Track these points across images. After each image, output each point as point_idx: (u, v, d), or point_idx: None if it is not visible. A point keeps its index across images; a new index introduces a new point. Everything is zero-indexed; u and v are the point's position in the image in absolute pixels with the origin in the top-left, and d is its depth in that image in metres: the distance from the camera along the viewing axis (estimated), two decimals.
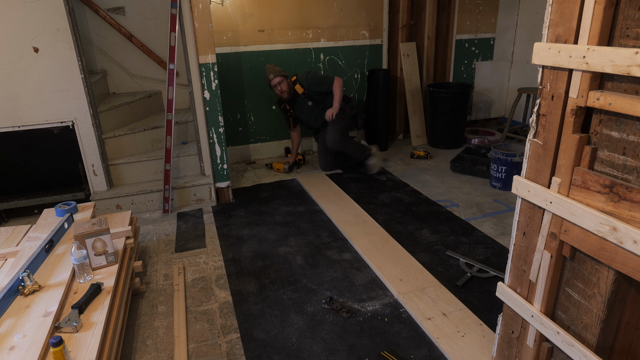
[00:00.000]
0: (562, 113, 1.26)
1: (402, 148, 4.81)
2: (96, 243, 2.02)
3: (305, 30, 4.38)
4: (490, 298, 2.27)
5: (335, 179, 3.97)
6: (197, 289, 2.48)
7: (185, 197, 3.52)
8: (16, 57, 2.92)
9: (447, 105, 4.56)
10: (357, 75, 4.73)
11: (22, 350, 1.49)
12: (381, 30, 4.63)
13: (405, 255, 2.68)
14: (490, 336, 1.99)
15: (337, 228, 3.08)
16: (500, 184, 3.62)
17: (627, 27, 1.08)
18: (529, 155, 1.42)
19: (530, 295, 1.50)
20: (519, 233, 1.52)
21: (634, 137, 1.11)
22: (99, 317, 1.71)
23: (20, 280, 1.80)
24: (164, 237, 3.07)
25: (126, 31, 3.89)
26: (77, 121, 3.18)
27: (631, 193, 1.11)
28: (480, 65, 5.22)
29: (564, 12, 1.20)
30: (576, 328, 1.36)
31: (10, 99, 2.99)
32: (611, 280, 1.21)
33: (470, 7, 4.92)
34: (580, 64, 1.16)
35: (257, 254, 2.81)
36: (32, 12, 2.87)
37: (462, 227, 3.03)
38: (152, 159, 3.52)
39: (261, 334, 2.10)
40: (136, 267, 2.35)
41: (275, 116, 4.57)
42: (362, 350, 1.98)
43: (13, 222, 3.26)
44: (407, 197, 3.55)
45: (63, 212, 2.47)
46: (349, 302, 2.31)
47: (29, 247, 2.12)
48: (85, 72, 3.12)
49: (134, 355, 2.00)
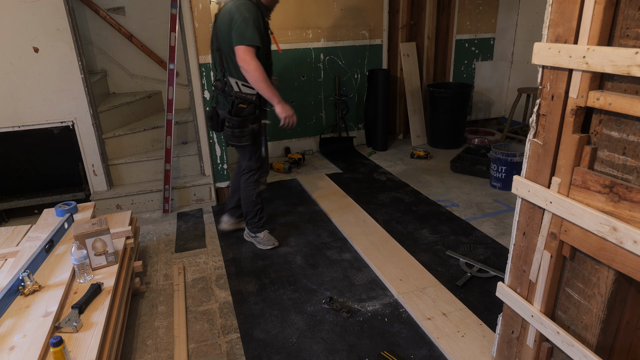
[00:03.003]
0: (562, 113, 1.26)
1: (402, 148, 4.81)
2: (96, 243, 2.02)
3: (305, 30, 4.38)
4: (490, 298, 2.27)
5: (336, 179, 3.97)
6: (197, 289, 2.48)
7: (185, 197, 3.52)
8: (16, 57, 2.92)
9: (447, 105, 4.56)
10: (357, 75, 4.73)
11: (22, 350, 1.49)
12: (381, 30, 4.63)
13: (405, 255, 2.68)
14: (490, 336, 1.99)
15: (337, 228, 3.08)
16: (500, 184, 3.62)
17: (627, 27, 1.08)
18: (529, 155, 1.42)
19: (530, 295, 1.50)
20: (519, 233, 1.52)
21: (634, 137, 1.11)
22: (99, 317, 1.71)
23: (20, 280, 1.79)
24: (164, 237, 3.07)
25: (126, 31, 3.89)
26: (77, 121, 3.18)
27: (631, 193, 1.10)
28: (480, 65, 5.22)
29: (564, 12, 1.20)
30: (576, 328, 1.36)
31: (11, 99, 2.99)
32: (611, 280, 1.21)
33: (470, 7, 4.92)
34: (580, 64, 1.16)
35: (257, 254, 2.81)
36: (32, 12, 2.87)
37: (462, 227, 3.03)
38: (152, 159, 3.52)
39: (261, 334, 2.10)
40: (136, 267, 2.35)
41: (275, 116, 4.56)
42: (362, 350, 1.98)
43: (13, 222, 3.26)
44: (407, 197, 3.55)
45: (63, 212, 2.47)
46: (349, 302, 2.31)
47: (29, 247, 2.12)
48: (85, 72, 3.12)
49: (134, 355, 2.00)
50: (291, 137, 4.70)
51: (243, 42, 2.29)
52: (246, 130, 2.52)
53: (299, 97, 4.58)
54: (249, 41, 2.29)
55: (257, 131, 2.58)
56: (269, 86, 2.40)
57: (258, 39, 2.31)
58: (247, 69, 2.33)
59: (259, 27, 2.34)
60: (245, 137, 2.54)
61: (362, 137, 4.97)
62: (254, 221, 2.84)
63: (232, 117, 2.50)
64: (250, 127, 2.54)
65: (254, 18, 2.31)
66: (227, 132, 2.55)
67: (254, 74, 2.34)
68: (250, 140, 2.56)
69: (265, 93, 2.42)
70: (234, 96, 2.47)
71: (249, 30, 2.29)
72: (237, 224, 3.06)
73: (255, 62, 2.32)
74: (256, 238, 2.89)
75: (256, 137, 2.60)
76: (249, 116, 2.51)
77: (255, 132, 2.56)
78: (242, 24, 2.29)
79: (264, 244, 2.86)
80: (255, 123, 2.55)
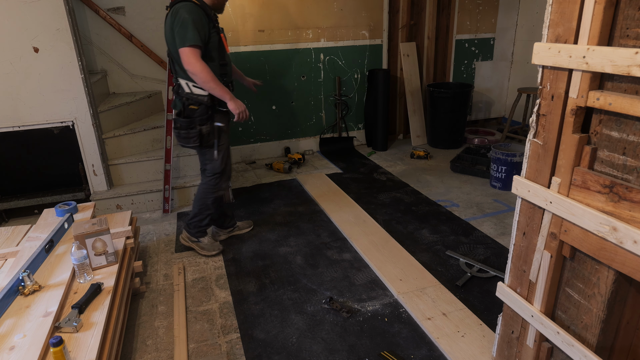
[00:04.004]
0: (562, 113, 1.26)
1: (402, 148, 4.81)
2: (96, 243, 2.02)
3: (305, 30, 4.38)
4: (490, 298, 2.27)
5: (336, 179, 3.97)
6: (197, 289, 2.48)
7: (185, 197, 3.52)
8: (16, 57, 2.92)
9: (447, 105, 4.56)
10: (357, 75, 4.73)
11: (22, 350, 1.49)
12: (381, 30, 4.63)
13: (405, 255, 2.68)
14: (490, 336, 1.99)
15: (337, 228, 3.08)
16: (500, 184, 3.62)
17: (627, 27, 1.08)
18: (529, 155, 1.42)
19: (530, 295, 1.50)
20: (519, 233, 1.52)
21: (634, 137, 1.11)
22: (99, 317, 1.71)
23: (20, 280, 1.79)
24: (164, 237, 3.07)
25: (126, 31, 3.88)
26: (77, 121, 3.18)
27: (631, 193, 1.10)
28: (480, 65, 5.22)
29: (564, 12, 1.20)
30: (576, 328, 1.36)
31: (11, 99, 2.99)
32: (611, 280, 1.21)
33: (470, 7, 4.92)
34: (580, 64, 1.16)
35: (257, 253, 2.81)
36: (32, 12, 2.87)
37: (462, 227, 3.03)
38: (152, 159, 3.52)
39: (261, 334, 2.10)
40: (136, 267, 2.35)
41: (275, 116, 4.57)
42: (362, 350, 1.98)
43: (13, 222, 3.26)
44: (407, 197, 3.55)
45: (63, 212, 2.47)
46: (349, 302, 2.31)
47: (29, 247, 2.12)
48: (85, 72, 3.12)
49: (134, 355, 2.00)
50: (291, 137, 4.71)
51: (185, 43, 2.24)
52: (192, 132, 2.43)
53: (299, 97, 4.58)
54: (190, 42, 2.23)
55: (208, 133, 2.47)
56: (218, 85, 2.33)
57: (199, 39, 2.25)
58: (193, 71, 2.27)
59: (201, 27, 2.28)
60: (192, 139, 2.45)
61: (362, 137, 4.97)
62: (199, 225, 2.73)
63: (179, 118, 2.44)
64: (199, 129, 2.43)
65: (194, 18, 2.25)
66: (175, 133, 2.52)
67: (200, 75, 2.28)
68: (198, 141, 2.46)
69: (215, 92, 2.35)
70: (184, 97, 2.41)
71: (189, 31, 2.23)
72: (228, 232, 3.01)
73: (200, 64, 2.26)
74: (199, 243, 2.79)
75: (207, 139, 2.48)
76: (198, 117, 2.42)
77: (204, 134, 2.45)
78: (182, 26, 2.24)
79: (208, 250, 2.77)
80: (205, 125, 2.44)
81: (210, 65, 2.35)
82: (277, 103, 4.53)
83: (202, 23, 2.29)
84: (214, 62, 2.40)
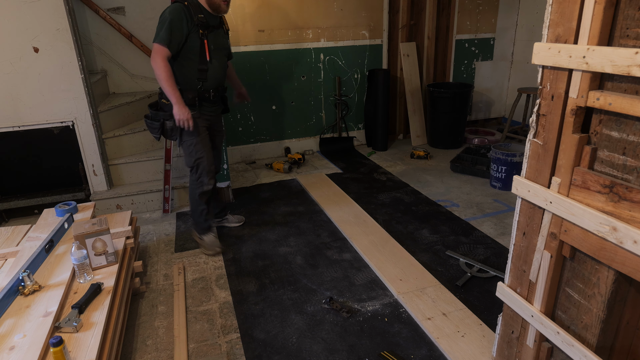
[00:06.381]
0: (562, 113, 1.26)
1: (402, 148, 4.81)
2: (96, 243, 2.02)
3: (305, 30, 4.38)
4: (490, 298, 2.27)
5: (336, 179, 3.97)
6: (197, 289, 2.48)
7: (185, 197, 3.51)
8: (16, 57, 2.92)
9: (447, 105, 4.56)
10: (357, 75, 4.73)
11: (22, 350, 1.49)
12: (381, 30, 4.63)
13: (405, 255, 2.68)
14: (490, 336, 1.99)
15: (337, 228, 3.08)
16: (500, 184, 3.62)
17: (627, 27, 1.08)
18: (529, 155, 1.42)
19: (530, 295, 1.50)
20: (519, 233, 1.52)
21: (634, 137, 1.11)
22: (99, 317, 1.71)
23: (20, 280, 1.79)
24: (164, 237, 3.07)
25: (126, 31, 3.88)
26: (77, 121, 3.18)
27: (631, 193, 1.10)
28: (480, 65, 5.22)
29: (564, 12, 1.20)
30: (576, 328, 1.36)
31: (11, 99, 2.99)
32: (611, 280, 1.21)
33: (470, 7, 4.92)
34: (580, 64, 1.16)
35: (257, 254, 2.81)
36: (32, 12, 2.87)
37: (462, 227, 3.03)
38: (152, 159, 3.52)
39: (261, 334, 2.10)
40: (136, 267, 2.35)
41: (275, 116, 4.57)
42: (362, 350, 1.98)
43: (13, 222, 3.26)
44: (407, 197, 3.55)
45: (63, 212, 2.47)
46: (349, 302, 2.31)
47: (29, 247, 2.12)
48: (85, 72, 3.12)
49: (134, 355, 2.00)
50: (291, 137, 4.71)
51: (155, 39, 2.37)
52: (156, 124, 2.56)
53: (299, 97, 4.58)
54: (159, 39, 2.35)
55: (171, 128, 2.55)
56: (170, 86, 2.40)
57: (168, 40, 2.34)
58: (153, 66, 2.39)
59: (177, 29, 2.37)
60: (155, 130, 2.57)
61: (362, 137, 4.97)
62: (199, 221, 2.80)
63: (150, 109, 2.60)
64: (162, 122, 2.54)
65: (172, 19, 2.34)
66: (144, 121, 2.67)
67: (156, 72, 2.39)
68: (159, 133, 2.58)
69: (166, 91, 2.42)
70: (160, 91, 2.52)
71: (163, 30, 2.34)
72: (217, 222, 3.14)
73: (160, 61, 2.36)
74: (201, 241, 2.84)
75: (169, 134, 2.58)
76: (167, 112, 2.51)
77: (166, 129, 2.56)
78: (160, 22, 2.36)
79: (206, 248, 2.81)
80: (170, 120, 2.52)
81: (186, 65, 2.48)
82: (277, 103, 4.53)
83: (179, 25, 2.38)
84: (191, 62, 2.48)
